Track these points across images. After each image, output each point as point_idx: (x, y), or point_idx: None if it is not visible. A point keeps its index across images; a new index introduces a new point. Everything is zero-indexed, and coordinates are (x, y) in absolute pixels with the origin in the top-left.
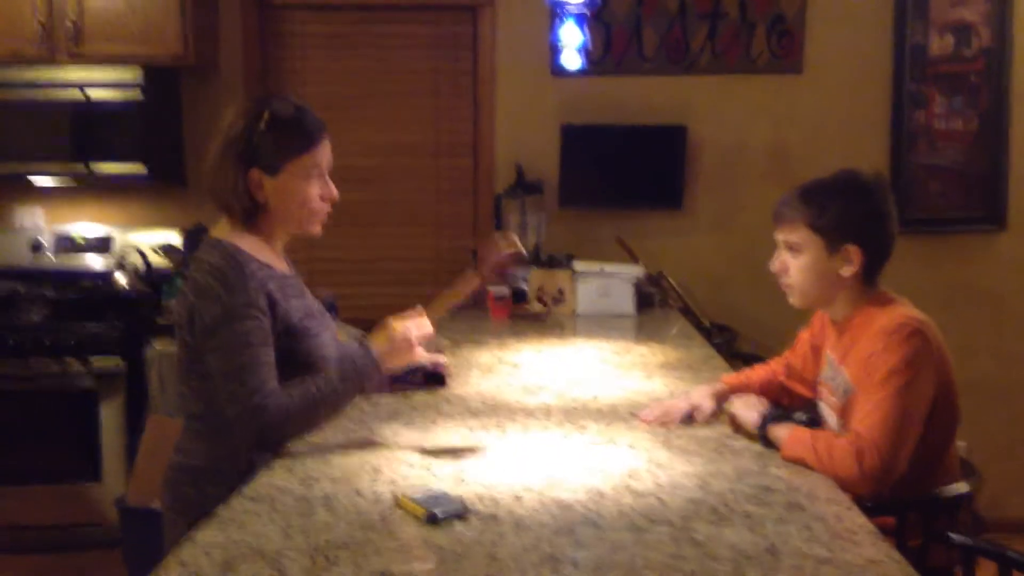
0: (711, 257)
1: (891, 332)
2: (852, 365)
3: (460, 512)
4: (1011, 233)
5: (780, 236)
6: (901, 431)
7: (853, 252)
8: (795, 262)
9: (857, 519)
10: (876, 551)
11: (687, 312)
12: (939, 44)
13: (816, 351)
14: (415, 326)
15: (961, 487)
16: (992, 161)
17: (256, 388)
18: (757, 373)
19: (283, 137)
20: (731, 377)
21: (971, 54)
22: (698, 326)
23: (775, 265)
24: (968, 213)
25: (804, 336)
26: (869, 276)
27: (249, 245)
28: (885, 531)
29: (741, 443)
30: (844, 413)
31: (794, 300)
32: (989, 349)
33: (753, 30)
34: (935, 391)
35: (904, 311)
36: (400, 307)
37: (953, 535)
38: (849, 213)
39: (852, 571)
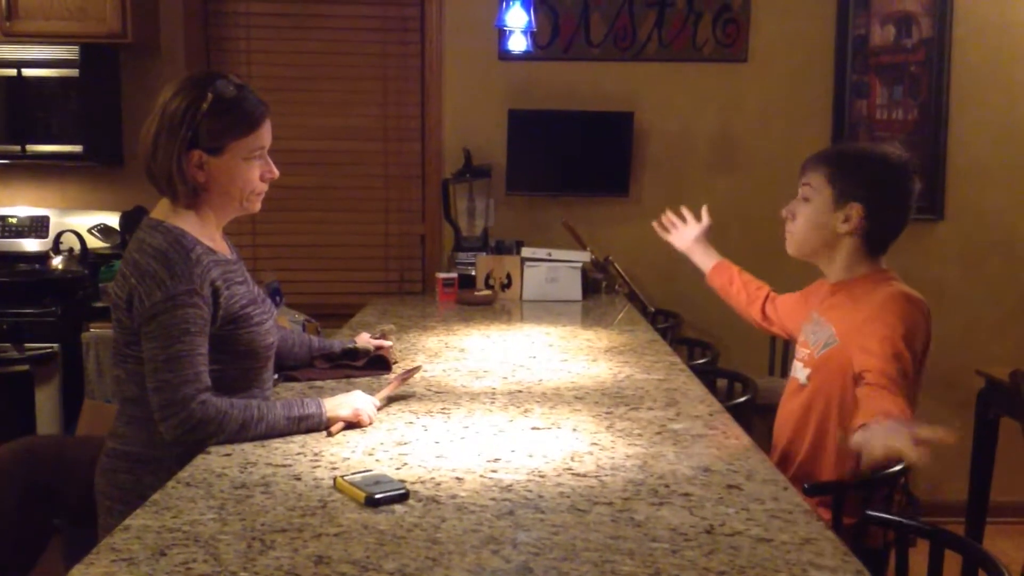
0: (657, 244)
1: (908, 298)
2: (840, 321)
3: (400, 495)
4: (949, 223)
5: (801, 182)
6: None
7: (854, 210)
8: (804, 209)
9: (794, 499)
10: (812, 530)
11: (633, 298)
12: (881, 34)
13: (803, 309)
14: (372, 405)
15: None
16: (931, 151)
17: (188, 379)
18: (752, 280)
19: (226, 119)
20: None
21: (912, 44)
22: (643, 312)
23: (784, 211)
24: None
25: (801, 292)
26: (871, 245)
27: (192, 227)
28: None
29: (682, 425)
30: (817, 365)
31: (789, 248)
32: None
33: (700, 19)
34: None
35: (908, 289)
36: (345, 293)
37: (885, 515)
38: (864, 172)
39: (788, 550)
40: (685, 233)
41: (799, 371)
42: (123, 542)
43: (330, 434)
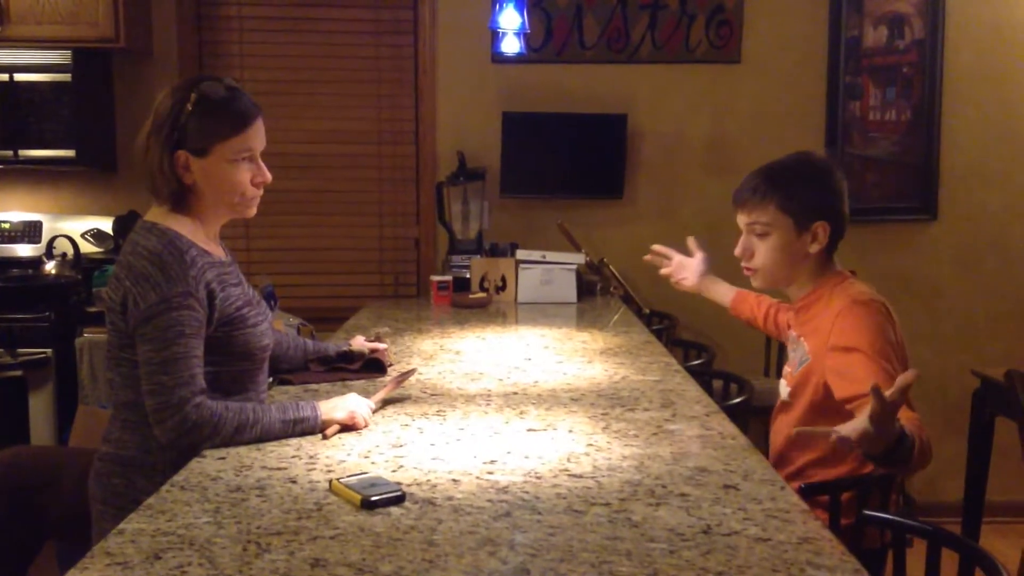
0: (652, 245)
1: (860, 304)
2: (812, 337)
3: (397, 497)
4: (943, 223)
5: (746, 220)
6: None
7: (821, 228)
8: (763, 244)
9: (791, 499)
10: (809, 530)
11: (628, 300)
12: (873, 36)
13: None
14: (368, 407)
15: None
16: (924, 152)
17: (184, 381)
18: (758, 297)
19: (211, 119)
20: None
21: (904, 46)
22: (638, 313)
23: (739, 250)
24: (901, 203)
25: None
26: (831, 249)
27: (186, 229)
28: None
29: (678, 426)
30: (796, 383)
31: (757, 283)
32: (923, 336)
33: (693, 20)
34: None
35: (865, 288)
36: (340, 297)
37: (882, 514)
38: (816, 192)
39: (786, 550)
40: (688, 272)
41: (783, 388)
42: (117, 546)
43: (325, 437)
